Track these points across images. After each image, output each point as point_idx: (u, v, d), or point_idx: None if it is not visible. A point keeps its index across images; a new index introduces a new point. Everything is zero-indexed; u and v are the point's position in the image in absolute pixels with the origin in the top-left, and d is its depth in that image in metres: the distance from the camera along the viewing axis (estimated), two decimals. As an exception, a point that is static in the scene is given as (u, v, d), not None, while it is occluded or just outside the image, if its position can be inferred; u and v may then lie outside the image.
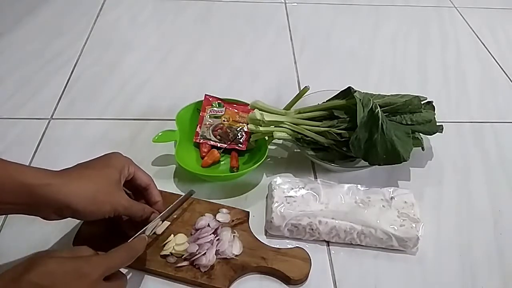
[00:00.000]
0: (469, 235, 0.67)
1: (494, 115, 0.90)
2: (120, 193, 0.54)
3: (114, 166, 0.55)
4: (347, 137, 0.69)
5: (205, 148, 0.75)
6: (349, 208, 0.64)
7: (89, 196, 0.50)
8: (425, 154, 0.78)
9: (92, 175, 0.52)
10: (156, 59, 0.99)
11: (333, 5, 1.22)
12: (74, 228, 0.63)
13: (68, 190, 0.49)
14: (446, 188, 0.74)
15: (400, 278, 0.61)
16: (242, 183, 0.72)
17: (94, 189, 0.51)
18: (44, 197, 0.48)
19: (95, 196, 0.51)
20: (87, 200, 0.50)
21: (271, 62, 1.00)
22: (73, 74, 0.93)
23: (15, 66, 0.94)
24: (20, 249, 0.61)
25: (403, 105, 0.71)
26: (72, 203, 0.49)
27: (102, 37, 1.05)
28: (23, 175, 0.48)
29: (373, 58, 1.04)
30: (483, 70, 1.02)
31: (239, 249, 0.60)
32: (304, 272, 0.59)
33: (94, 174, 0.53)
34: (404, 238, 0.62)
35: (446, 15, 1.21)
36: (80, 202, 0.49)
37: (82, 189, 0.50)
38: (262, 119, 0.70)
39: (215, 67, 0.98)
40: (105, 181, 0.53)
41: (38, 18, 1.09)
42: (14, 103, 0.85)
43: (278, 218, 0.63)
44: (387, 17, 1.19)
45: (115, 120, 0.83)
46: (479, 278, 0.62)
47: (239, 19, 1.14)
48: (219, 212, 0.65)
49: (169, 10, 1.16)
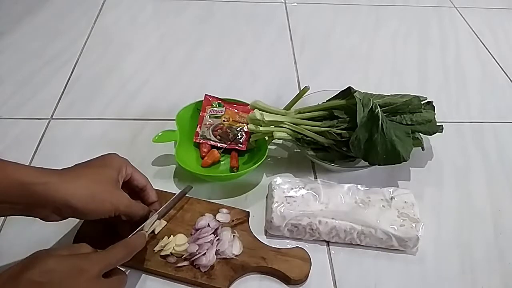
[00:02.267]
0: (469, 235, 0.67)
1: (494, 115, 0.90)
2: (120, 192, 0.54)
3: (112, 167, 0.55)
4: (347, 137, 0.69)
5: (205, 148, 0.75)
6: (349, 208, 0.64)
7: (89, 194, 0.50)
8: (425, 154, 0.78)
9: (91, 174, 0.52)
10: (156, 59, 0.99)
11: (333, 5, 1.22)
12: (74, 228, 0.63)
13: (66, 188, 0.49)
14: (446, 188, 0.74)
15: (400, 278, 0.61)
16: (242, 183, 0.72)
17: (94, 188, 0.51)
18: (42, 196, 0.47)
19: (95, 194, 0.51)
20: (87, 198, 0.50)
21: (271, 62, 1.00)
22: (73, 74, 0.93)
23: (15, 66, 0.94)
24: (20, 249, 0.60)
25: (403, 105, 0.71)
26: (71, 201, 0.48)
27: (102, 37, 1.05)
28: (20, 174, 0.48)
29: (373, 58, 1.04)
30: (483, 70, 1.02)
31: (239, 249, 0.60)
32: (304, 272, 0.59)
33: (93, 172, 0.53)
34: (404, 238, 0.62)
35: (446, 15, 1.21)
36: (80, 200, 0.49)
37: (81, 188, 0.50)
38: (262, 119, 0.70)
39: (215, 67, 0.98)
40: (104, 180, 0.53)
41: (38, 18, 1.09)
42: (14, 103, 0.85)
43: (278, 218, 0.63)
44: (387, 17, 1.19)
45: (115, 120, 0.83)
46: (479, 278, 0.62)
47: (239, 19, 1.14)
48: (219, 212, 0.65)
49: (169, 10, 1.16)
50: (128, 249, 0.51)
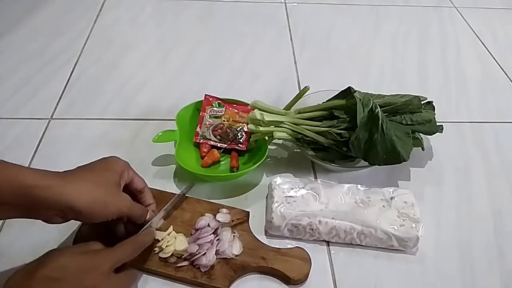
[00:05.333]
0: (469, 235, 0.67)
1: (494, 115, 0.90)
2: (123, 195, 0.55)
3: (114, 170, 0.55)
4: (347, 137, 0.69)
5: (205, 148, 0.75)
6: (349, 208, 0.64)
7: (92, 197, 0.50)
8: (425, 154, 0.78)
9: (94, 177, 0.53)
10: (156, 59, 0.99)
11: (333, 5, 1.22)
12: (74, 229, 0.63)
13: (70, 192, 0.49)
14: (446, 188, 0.74)
15: (400, 278, 0.61)
16: (242, 183, 0.72)
17: (97, 191, 0.51)
18: (45, 199, 0.47)
19: (98, 197, 0.51)
20: (91, 201, 0.50)
21: (271, 62, 1.00)
22: (73, 74, 0.93)
23: (15, 66, 0.94)
24: (20, 249, 0.61)
25: (403, 105, 0.71)
26: (76, 205, 0.49)
27: (102, 37, 1.05)
28: (23, 176, 0.48)
29: (373, 58, 1.04)
30: (483, 70, 1.02)
31: (239, 249, 0.60)
32: (304, 272, 0.59)
33: (96, 176, 0.53)
34: (404, 238, 0.62)
35: (446, 15, 1.21)
36: (84, 203, 0.49)
37: (84, 191, 0.50)
38: (262, 119, 0.70)
39: (215, 67, 0.98)
40: (107, 183, 0.53)
41: (38, 18, 1.09)
42: (14, 103, 0.85)
43: (278, 218, 0.63)
44: (387, 17, 1.19)
45: (115, 120, 0.83)
46: (479, 278, 0.62)
47: (239, 19, 1.14)
48: (219, 212, 0.65)
49: (169, 10, 1.16)
50: (137, 245, 0.54)
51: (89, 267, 0.47)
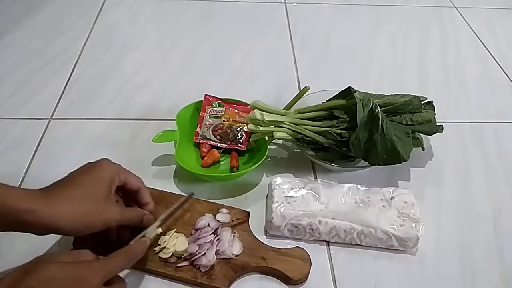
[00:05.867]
0: (469, 235, 0.67)
1: (494, 115, 0.90)
2: (111, 208, 0.53)
3: (102, 180, 0.54)
4: (347, 137, 0.69)
5: (205, 148, 0.75)
6: (349, 208, 0.64)
7: (78, 216, 0.50)
8: (425, 154, 0.78)
9: (79, 195, 0.51)
10: (156, 59, 0.99)
11: (333, 5, 1.22)
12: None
13: (55, 214, 0.48)
14: (446, 188, 0.74)
15: (400, 278, 0.61)
16: (242, 183, 0.72)
17: (83, 209, 0.50)
18: (31, 222, 0.47)
19: (84, 215, 0.50)
20: (76, 221, 0.50)
21: (271, 62, 1.00)
22: (73, 74, 0.93)
23: (15, 66, 0.94)
24: (20, 250, 0.60)
25: (403, 105, 0.71)
26: (61, 226, 0.48)
27: (102, 37, 1.05)
28: (8, 199, 0.47)
29: (373, 58, 1.04)
30: (483, 70, 1.02)
31: (239, 249, 0.60)
32: (304, 272, 0.59)
33: (81, 192, 0.51)
34: (404, 238, 0.62)
35: (446, 15, 1.21)
36: (69, 224, 0.49)
37: (69, 211, 0.49)
38: (262, 119, 0.70)
39: (215, 67, 0.98)
40: (93, 198, 0.52)
41: (38, 18, 1.09)
42: (14, 103, 0.85)
43: (278, 218, 0.63)
44: (387, 17, 1.19)
45: (115, 120, 0.83)
46: (479, 278, 0.62)
47: (239, 19, 1.14)
48: (219, 212, 0.65)
49: (169, 10, 1.16)
50: (129, 257, 0.51)
51: (78, 281, 0.45)
